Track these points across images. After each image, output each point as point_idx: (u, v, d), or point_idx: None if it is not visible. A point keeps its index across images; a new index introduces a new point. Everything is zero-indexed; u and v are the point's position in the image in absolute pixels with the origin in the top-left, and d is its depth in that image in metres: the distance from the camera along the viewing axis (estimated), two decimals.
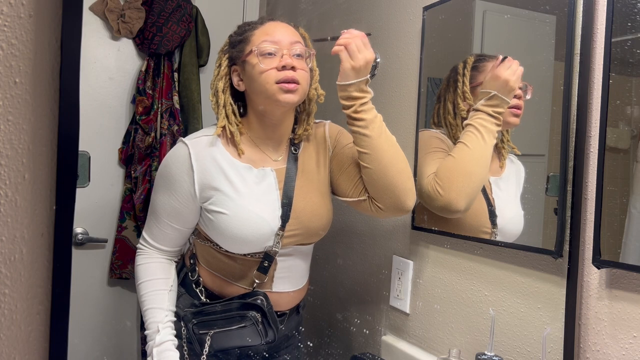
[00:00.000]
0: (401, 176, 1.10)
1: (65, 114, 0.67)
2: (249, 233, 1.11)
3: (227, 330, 1.13)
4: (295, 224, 1.15)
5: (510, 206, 1.13)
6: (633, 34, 0.87)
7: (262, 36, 1.11)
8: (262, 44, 1.09)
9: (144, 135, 1.75)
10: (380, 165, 1.09)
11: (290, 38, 1.11)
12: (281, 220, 1.13)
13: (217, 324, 1.13)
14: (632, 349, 0.87)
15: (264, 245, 1.13)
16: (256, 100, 1.13)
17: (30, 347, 0.67)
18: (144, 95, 1.75)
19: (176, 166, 1.13)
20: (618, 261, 0.87)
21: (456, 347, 1.11)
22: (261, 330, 1.13)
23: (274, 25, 1.13)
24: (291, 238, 1.16)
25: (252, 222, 1.11)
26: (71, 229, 0.69)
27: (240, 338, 1.14)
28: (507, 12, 1.18)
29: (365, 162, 1.10)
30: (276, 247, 1.14)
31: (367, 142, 1.09)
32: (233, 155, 1.14)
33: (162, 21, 1.76)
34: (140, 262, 1.18)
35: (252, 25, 1.15)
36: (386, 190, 1.10)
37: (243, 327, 1.13)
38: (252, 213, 1.11)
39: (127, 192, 1.77)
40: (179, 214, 1.14)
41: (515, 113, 1.12)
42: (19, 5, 0.64)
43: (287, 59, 1.08)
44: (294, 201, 1.15)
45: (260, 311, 1.12)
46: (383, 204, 1.12)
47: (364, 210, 1.17)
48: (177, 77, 1.82)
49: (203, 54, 1.86)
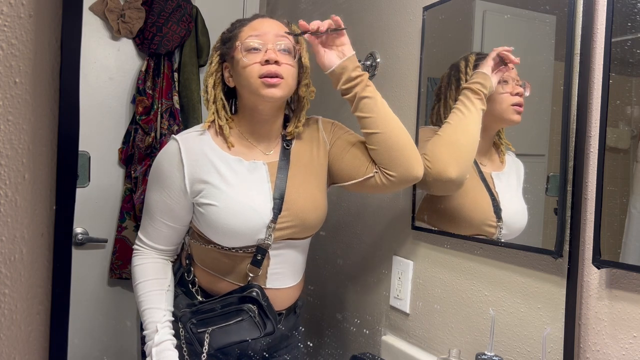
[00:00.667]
0: (410, 143, 1.13)
1: (65, 114, 0.67)
2: (240, 224, 1.11)
3: (224, 326, 1.13)
4: (288, 216, 1.15)
5: (514, 200, 1.13)
6: (633, 34, 0.87)
7: (248, 32, 1.12)
8: (247, 40, 1.10)
9: (144, 135, 1.75)
10: (389, 127, 1.11)
11: (275, 32, 1.12)
12: (273, 212, 1.13)
13: (214, 321, 1.13)
14: (632, 349, 0.87)
15: (256, 238, 1.13)
16: (244, 95, 1.14)
17: (30, 347, 0.67)
18: (144, 95, 1.75)
19: (167, 162, 1.15)
20: (618, 261, 0.87)
21: (456, 347, 1.11)
22: (259, 322, 1.13)
23: (260, 21, 1.15)
24: (284, 231, 1.15)
25: (243, 213, 1.11)
26: (71, 229, 0.69)
27: (239, 333, 1.14)
28: (507, 12, 1.18)
29: (374, 128, 1.12)
30: (268, 240, 1.13)
31: (373, 106, 1.11)
32: (223, 148, 1.15)
33: (162, 21, 1.76)
34: (137, 263, 1.18)
35: (242, 22, 1.17)
36: (398, 155, 1.11)
37: (240, 321, 1.12)
38: (243, 204, 1.11)
39: (127, 192, 1.77)
40: (172, 211, 1.15)
41: (518, 110, 1.12)
42: (19, 5, 0.64)
43: (271, 54, 1.08)
44: (286, 193, 1.15)
45: (256, 303, 1.12)
46: (395, 170, 1.12)
47: (371, 189, 1.17)
48: (177, 77, 1.82)
49: (203, 54, 1.86)
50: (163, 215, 1.15)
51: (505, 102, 1.14)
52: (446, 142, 1.15)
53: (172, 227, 1.17)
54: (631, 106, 0.88)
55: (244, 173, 1.14)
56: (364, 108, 1.11)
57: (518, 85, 1.11)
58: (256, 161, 1.16)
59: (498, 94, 1.14)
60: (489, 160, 1.18)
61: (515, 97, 1.12)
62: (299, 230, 1.18)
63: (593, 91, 0.93)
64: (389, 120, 1.12)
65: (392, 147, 1.11)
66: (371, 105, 1.11)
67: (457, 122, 1.15)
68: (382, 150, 1.12)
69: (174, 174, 1.13)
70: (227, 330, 1.13)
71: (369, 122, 1.12)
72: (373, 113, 1.11)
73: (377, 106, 1.12)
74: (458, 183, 1.14)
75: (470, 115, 1.14)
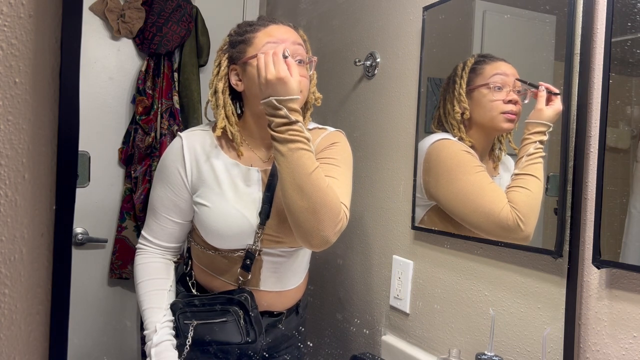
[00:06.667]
0: (304, 215, 1.01)
1: (65, 114, 0.67)
2: (228, 228, 1.12)
3: (209, 322, 1.14)
4: (276, 224, 1.14)
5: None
6: (633, 34, 0.87)
7: (264, 38, 1.10)
8: (265, 47, 1.08)
9: (144, 135, 1.75)
10: (283, 197, 1.04)
11: (292, 40, 1.11)
12: (260, 219, 1.13)
13: (200, 316, 1.14)
14: (632, 349, 0.87)
15: (244, 243, 1.14)
16: (254, 102, 1.13)
17: (30, 347, 0.67)
18: (144, 95, 1.75)
19: (170, 158, 1.17)
20: (618, 261, 0.87)
21: (456, 347, 1.11)
22: (242, 327, 1.13)
23: (277, 28, 1.13)
24: (273, 238, 1.15)
25: (232, 217, 1.12)
26: (71, 229, 0.69)
27: (222, 333, 1.14)
28: (507, 12, 1.18)
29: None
30: (256, 246, 1.14)
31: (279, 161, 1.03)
32: (223, 151, 1.16)
33: (162, 21, 1.76)
34: (140, 262, 1.18)
35: (253, 27, 1.14)
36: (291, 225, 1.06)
37: (225, 322, 1.13)
38: (233, 208, 1.12)
39: (127, 192, 1.77)
40: (176, 206, 1.16)
41: (509, 118, 1.11)
42: (19, 5, 0.64)
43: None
44: (275, 202, 1.14)
45: (243, 308, 1.12)
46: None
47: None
48: (177, 77, 1.82)
49: (203, 54, 1.86)
50: (168, 211, 1.17)
51: (495, 110, 1.12)
52: (538, 206, 1.07)
53: (176, 223, 1.18)
54: (631, 106, 0.88)
55: (239, 178, 1.14)
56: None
57: (515, 92, 1.09)
58: (252, 167, 1.16)
59: (489, 100, 1.13)
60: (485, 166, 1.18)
61: (508, 105, 1.10)
62: (289, 239, 1.15)
63: (593, 91, 0.93)
64: (285, 188, 1.03)
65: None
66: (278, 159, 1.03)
67: (540, 177, 1.06)
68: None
69: (177, 169, 1.15)
70: (211, 327, 1.14)
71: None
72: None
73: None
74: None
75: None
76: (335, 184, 1.07)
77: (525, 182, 1.07)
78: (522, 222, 1.07)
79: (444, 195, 1.22)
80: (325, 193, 1.01)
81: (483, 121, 1.15)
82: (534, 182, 1.06)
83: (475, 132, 1.17)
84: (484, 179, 1.16)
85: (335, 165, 1.13)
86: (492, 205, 1.12)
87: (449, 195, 1.21)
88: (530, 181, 1.07)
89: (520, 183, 1.08)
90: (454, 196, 1.19)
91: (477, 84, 1.15)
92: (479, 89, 1.15)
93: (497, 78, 1.12)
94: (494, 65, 1.14)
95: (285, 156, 1.00)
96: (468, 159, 1.18)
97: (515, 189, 1.08)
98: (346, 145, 1.21)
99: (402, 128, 1.35)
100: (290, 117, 0.99)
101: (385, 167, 1.41)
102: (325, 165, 1.11)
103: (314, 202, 1.00)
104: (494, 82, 1.12)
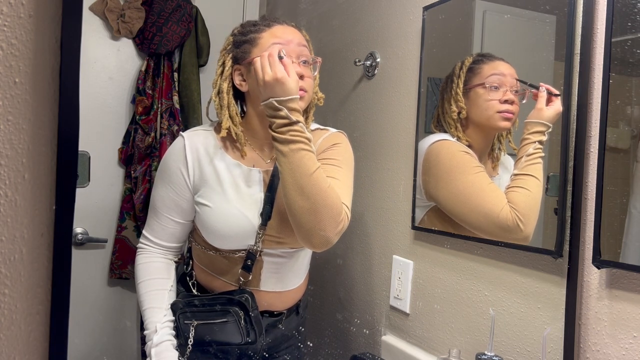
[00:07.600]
0: (305, 215, 1.01)
1: (65, 114, 0.67)
2: (229, 228, 1.12)
3: (209, 323, 1.13)
4: (278, 225, 1.14)
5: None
6: (633, 34, 0.87)
7: (270, 38, 1.10)
8: (271, 48, 1.07)
9: (144, 135, 1.75)
10: (284, 197, 1.04)
11: (298, 42, 1.11)
12: (261, 219, 1.13)
13: (200, 317, 1.14)
14: (632, 349, 0.87)
15: (245, 243, 1.14)
16: (259, 102, 1.12)
17: (30, 347, 0.67)
18: (143, 95, 1.75)
19: (172, 158, 1.16)
20: (618, 261, 0.87)
21: (456, 347, 1.11)
22: (242, 328, 1.13)
23: (282, 29, 1.12)
24: (274, 238, 1.15)
25: (233, 217, 1.12)
26: (71, 229, 0.69)
27: (222, 333, 1.14)
28: (507, 12, 1.18)
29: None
30: (257, 246, 1.14)
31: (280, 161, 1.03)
32: (225, 151, 1.16)
33: (162, 21, 1.76)
34: (141, 262, 1.18)
35: (257, 27, 1.14)
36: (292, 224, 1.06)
37: (225, 323, 1.13)
38: (234, 209, 1.12)
39: (127, 192, 1.77)
40: (178, 206, 1.16)
41: (505, 117, 1.11)
42: (19, 5, 0.64)
43: (298, 68, 1.07)
44: (276, 202, 1.14)
45: (243, 309, 1.12)
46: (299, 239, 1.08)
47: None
48: (177, 77, 1.82)
49: (203, 54, 1.86)
50: (169, 210, 1.16)
51: (491, 109, 1.12)
52: (537, 206, 1.07)
53: (178, 223, 1.18)
54: (631, 106, 0.88)
55: (240, 178, 1.14)
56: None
57: (512, 92, 1.09)
58: (254, 167, 1.16)
59: (485, 100, 1.13)
60: (484, 166, 1.18)
61: (504, 105, 1.10)
62: (290, 240, 1.16)
63: (593, 91, 0.93)
64: (286, 188, 1.03)
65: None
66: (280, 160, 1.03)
67: (539, 177, 1.06)
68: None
69: (179, 169, 1.14)
70: (211, 328, 1.14)
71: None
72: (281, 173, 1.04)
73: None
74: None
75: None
76: (336, 184, 1.07)
77: (524, 183, 1.07)
78: (522, 222, 1.07)
79: (443, 195, 1.22)
80: (326, 193, 1.02)
81: (480, 120, 1.15)
82: (534, 182, 1.07)
83: (473, 131, 1.17)
84: (484, 180, 1.16)
85: (337, 166, 1.13)
86: (491, 206, 1.12)
87: (448, 195, 1.21)
88: (529, 181, 1.07)
89: (519, 183, 1.08)
90: (454, 197, 1.19)
91: (474, 83, 1.15)
92: (475, 89, 1.15)
93: (494, 78, 1.12)
94: (491, 65, 1.14)
95: (286, 157, 1.00)
96: (467, 160, 1.18)
97: (515, 189, 1.08)
98: (348, 147, 1.21)
99: (402, 128, 1.35)
100: (291, 117, 1.00)
101: (385, 167, 1.41)
102: (327, 166, 1.11)
103: (315, 202, 1.00)
104: (490, 82, 1.12)
